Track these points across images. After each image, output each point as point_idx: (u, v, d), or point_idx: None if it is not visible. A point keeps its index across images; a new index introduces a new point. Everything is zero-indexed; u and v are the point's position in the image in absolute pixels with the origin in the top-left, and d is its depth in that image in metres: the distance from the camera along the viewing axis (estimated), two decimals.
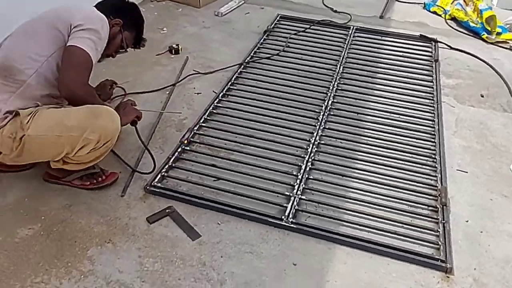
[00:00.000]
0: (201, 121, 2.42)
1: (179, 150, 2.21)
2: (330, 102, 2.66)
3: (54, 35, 1.79)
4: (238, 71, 2.91)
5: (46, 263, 1.68)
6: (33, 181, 2.00)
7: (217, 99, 2.61)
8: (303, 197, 2.01)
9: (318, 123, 2.47)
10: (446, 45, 3.46)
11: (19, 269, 1.66)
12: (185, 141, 2.23)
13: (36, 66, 1.76)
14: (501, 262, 1.82)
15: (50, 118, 1.72)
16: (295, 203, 1.97)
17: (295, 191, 2.03)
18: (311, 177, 2.13)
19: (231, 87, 2.75)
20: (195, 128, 2.35)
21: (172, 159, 2.15)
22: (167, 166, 2.11)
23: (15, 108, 1.72)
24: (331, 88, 2.79)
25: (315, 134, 2.38)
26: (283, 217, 1.90)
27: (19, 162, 1.83)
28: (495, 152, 2.42)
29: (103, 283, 1.63)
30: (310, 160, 2.22)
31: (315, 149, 2.29)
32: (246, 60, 3.02)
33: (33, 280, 1.62)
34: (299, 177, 2.10)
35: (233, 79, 2.81)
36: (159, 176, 2.04)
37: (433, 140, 2.43)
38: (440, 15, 4.00)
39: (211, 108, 2.53)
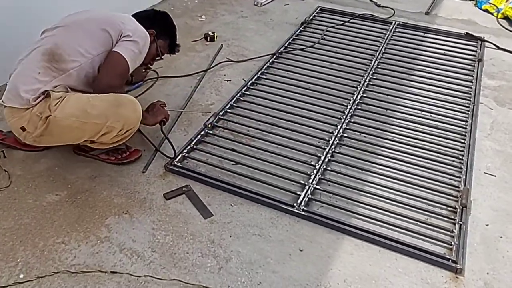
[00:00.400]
0: (227, 107, 2.49)
1: (202, 133, 2.29)
2: (359, 96, 2.63)
3: (105, 38, 1.92)
4: (270, 61, 2.95)
5: (68, 227, 1.82)
6: (64, 152, 2.15)
7: (245, 87, 2.67)
8: (318, 187, 2.03)
9: (344, 116, 2.46)
10: (494, 44, 3.31)
11: (44, 230, 1.81)
12: (209, 125, 2.31)
13: (82, 61, 1.88)
14: None
15: (76, 104, 1.82)
16: (309, 192, 1.99)
17: (310, 180, 2.05)
18: (329, 168, 2.14)
19: (261, 76, 2.79)
20: (220, 114, 2.43)
21: (195, 141, 2.23)
22: (188, 148, 2.19)
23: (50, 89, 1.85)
24: (362, 82, 2.76)
25: (339, 127, 2.38)
26: (295, 204, 1.92)
27: (39, 143, 1.94)
28: None
29: (117, 249, 1.74)
30: (330, 151, 2.22)
31: (337, 141, 2.29)
32: (279, 51, 3.05)
33: (55, 241, 1.77)
34: (317, 167, 2.12)
35: (263, 68, 2.86)
36: (180, 156, 2.13)
37: (462, 141, 2.35)
38: (492, 14, 3.81)
39: (238, 95, 2.59)
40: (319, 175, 2.08)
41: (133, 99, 1.90)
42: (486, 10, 3.86)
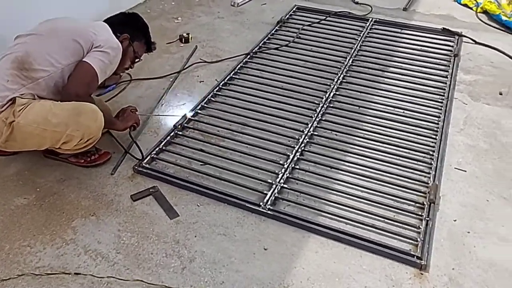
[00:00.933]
0: (198, 108, 2.49)
1: (172, 134, 2.30)
2: (331, 94, 2.64)
3: (76, 48, 1.92)
4: (244, 61, 2.95)
5: (35, 230, 1.83)
6: (34, 156, 2.15)
7: (218, 88, 2.67)
8: (285, 185, 2.03)
9: (315, 115, 2.46)
10: (471, 39, 3.31)
11: (11, 233, 1.82)
12: (179, 126, 2.32)
13: (51, 71, 1.89)
14: (484, 265, 1.76)
15: (39, 111, 1.83)
16: (275, 191, 2.00)
17: (278, 179, 2.05)
18: (298, 167, 2.14)
19: (233, 76, 2.80)
20: (191, 115, 2.43)
21: (164, 142, 2.24)
22: (157, 149, 2.20)
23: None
24: (335, 80, 2.76)
25: (309, 125, 2.38)
26: (261, 203, 1.93)
27: (5, 148, 1.94)
28: (503, 153, 2.31)
29: (82, 251, 1.75)
30: (299, 150, 2.22)
31: (307, 140, 2.30)
32: (253, 51, 3.05)
33: (21, 244, 1.77)
34: (285, 166, 2.12)
35: (237, 68, 2.86)
36: (148, 158, 2.14)
37: (434, 137, 2.36)
38: (471, 8, 3.82)
39: (210, 96, 2.59)
40: (287, 174, 2.09)
41: (95, 108, 1.89)
42: (465, 5, 3.86)
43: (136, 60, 2.24)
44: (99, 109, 1.89)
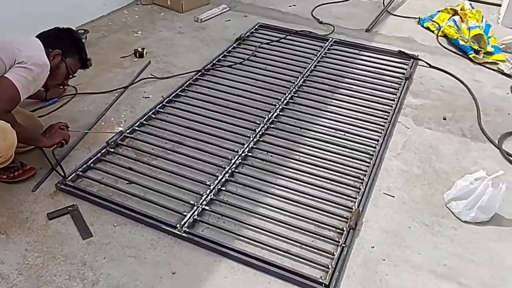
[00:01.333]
0: (136, 124, 2.49)
1: (103, 151, 2.30)
2: (275, 114, 2.64)
3: None
4: (194, 78, 2.95)
5: None
6: None
7: (161, 105, 2.67)
8: (207, 207, 2.03)
9: (254, 135, 2.46)
10: (426, 63, 3.32)
11: None
12: (112, 143, 2.32)
13: None
14: None
15: None
16: (196, 212, 1.99)
17: (200, 201, 2.05)
18: (224, 188, 2.14)
19: (180, 93, 2.80)
20: (127, 131, 2.43)
21: (93, 159, 2.24)
22: (85, 166, 2.20)
23: None
24: (282, 100, 2.77)
25: (245, 146, 2.38)
26: (177, 225, 1.93)
27: None
28: (434, 179, 2.31)
29: None
30: (229, 171, 2.22)
31: (240, 160, 2.30)
32: (205, 68, 3.06)
33: None
34: (211, 187, 2.12)
35: (184, 85, 2.86)
36: (73, 175, 2.14)
37: (369, 161, 2.36)
38: (432, 31, 3.83)
39: (151, 112, 2.59)
40: (211, 196, 2.08)
41: (5, 127, 1.86)
42: (428, 28, 3.88)
43: (70, 76, 2.25)
44: (11, 128, 1.87)
